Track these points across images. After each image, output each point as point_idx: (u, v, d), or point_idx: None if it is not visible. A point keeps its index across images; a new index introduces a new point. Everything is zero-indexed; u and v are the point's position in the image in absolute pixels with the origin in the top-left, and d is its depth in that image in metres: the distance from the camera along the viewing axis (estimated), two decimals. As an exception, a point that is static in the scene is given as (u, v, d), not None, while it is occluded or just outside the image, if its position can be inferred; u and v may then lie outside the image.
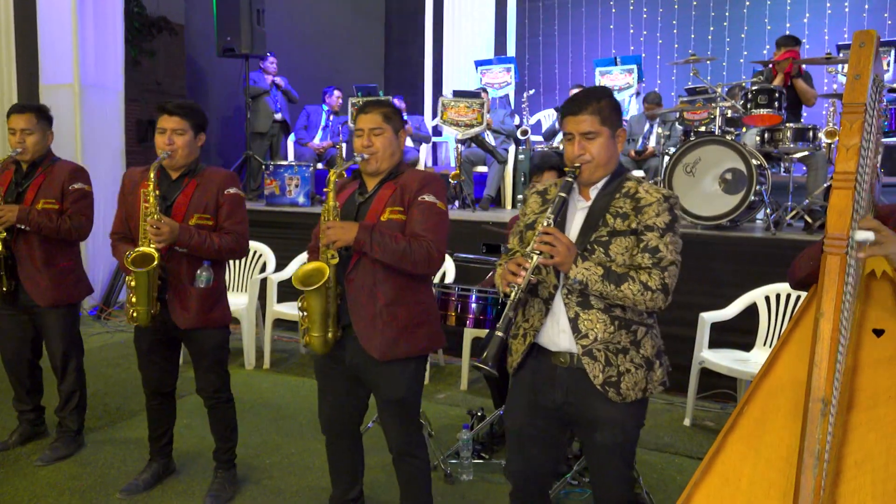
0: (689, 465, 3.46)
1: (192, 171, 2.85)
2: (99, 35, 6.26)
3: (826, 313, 1.29)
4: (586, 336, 1.99)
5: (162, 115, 2.78)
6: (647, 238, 1.96)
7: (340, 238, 2.28)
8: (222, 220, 2.84)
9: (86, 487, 3.11)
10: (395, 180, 2.43)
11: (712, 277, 4.58)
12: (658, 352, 2.09)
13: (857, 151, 1.31)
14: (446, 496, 3.11)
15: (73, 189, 3.24)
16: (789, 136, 5.00)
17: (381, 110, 2.41)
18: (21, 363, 3.45)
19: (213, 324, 2.89)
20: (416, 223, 2.35)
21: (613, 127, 2.02)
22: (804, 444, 1.31)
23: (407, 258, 2.30)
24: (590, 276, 1.92)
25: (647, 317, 2.06)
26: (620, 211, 2.00)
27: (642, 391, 2.02)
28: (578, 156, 1.99)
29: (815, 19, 9.04)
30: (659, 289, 1.93)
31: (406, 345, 2.41)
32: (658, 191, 2.02)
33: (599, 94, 2.04)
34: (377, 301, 2.36)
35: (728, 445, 1.56)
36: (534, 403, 2.11)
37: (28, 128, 3.21)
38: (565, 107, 2.04)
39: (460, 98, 6.76)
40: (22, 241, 3.21)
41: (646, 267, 1.95)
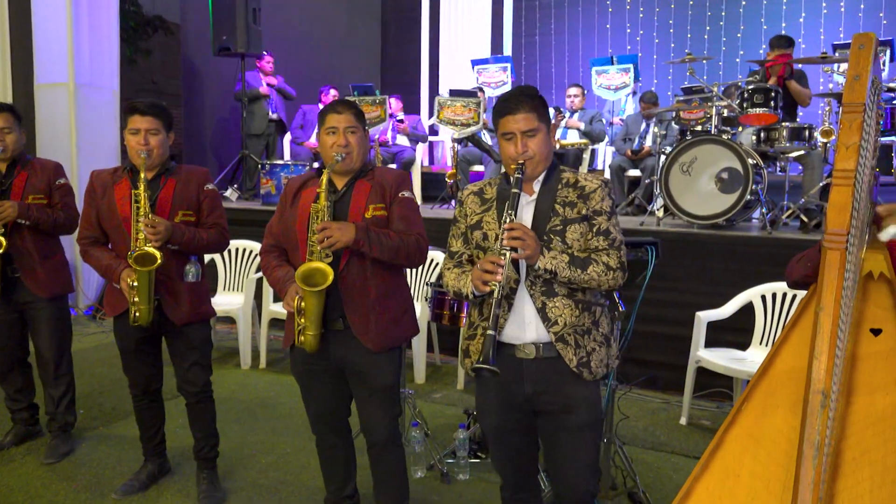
0: (685, 464, 3.46)
1: (168, 169, 2.86)
2: (94, 34, 6.24)
3: (826, 307, 1.30)
4: (556, 323, 2.06)
5: (133, 115, 2.76)
6: (598, 222, 2.08)
7: (340, 239, 2.29)
8: (205, 215, 2.90)
9: (81, 487, 3.10)
10: (366, 178, 2.47)
11: (708, 276, 4.58)
12: (611, 329, 2.20)
13: (856, 150, 1.32)
14: (443, 495, 3.10)
15: (59, 184, 3.33)
16: (785, 136, 5.00)
17: (353, 110, 2.46)
18: (11, 362, 3.46)
19: (203, 317, 2.96)
20: (401, 219, 2.45)
21: (548, 123, 2.13)
22: (804, 436, 1.32)
23: (401, 252, 2.40)
24: (558, 265, 2.00)
25: (601, 297, 2.18)
26: (567, 200, 2.09)
27: (606, 366, 2.14)
28: (522, 153, 2.05)
29: (811, 19, 9.07)
30: (618, 267, 2.06)
31: (394, 335, 2.51)
32: (596, 177, 2.14)
33: (531, 92, 2.12)
34: (368, 295, 2.43)
35: (729, 439, 1.57)
36: (505, 400, 2.16)
37: (7, 126, 3.24)
38: (501, 107, 2.10)
39: (457, 97, 6.76)
40: (17, 236, 3.23)
41: (602, 248, 2.06)
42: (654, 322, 4.37)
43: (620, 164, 7.05)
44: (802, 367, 1.37)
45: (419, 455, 3.27)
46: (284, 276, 2.48)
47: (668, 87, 9.57)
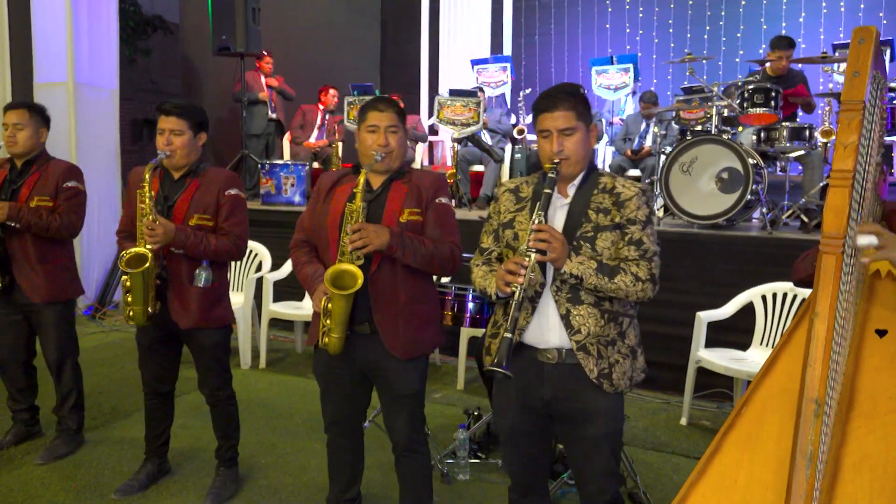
0: (685, 465, 3.46)
1: (193, 171, 2.84)
2: (93, 33, 6.24)
3: (821, 314, 1.28)
4: (579, 331, 2.00)
5: (160, 116, 2.77)
6: (631, 231, 2.01)
7: (374, 243, 2.24)
8: (221, 221, 2.83)
9: (80, 487, 3.09)
10: (403, 179, 2.41)
11: (709, 277, 4.58)
12: (638, 341, 2.15)
13: (854, 149, 1.29)
14: (443, 495, 3.10)
15: (66, 187, 3.24)
16: (785, 136, 5.00)
17: (395, 108, 2.40)
18: (15, 363, 3.44)
19: (213, 323, 2.88)
20: (436, 226, 2.38)
21: (587, 122, 2.05)
22: (796, 445, 1.30)
23: (434, 261, 2.34)
24: (584, 270, 1.94)
25: (630, 308, 2.11)
26: (601, 206, 2.03)
27: (629, 379, 2.08)
28: (557, 152, 2.00)
29: (811, 18, 9.05)
30: (648, 279, 1.99)
31: (423, 342, 2.45)
32: (634, 185, 2.06)
33: (572, 90, 2.05)
34: (398, 300, 2.37)
35: (725, 446, 1.55)
36: (522, 401, 2.12)
37: (19, 122, 3.21)
38: (539, 103, 2.04)
39: (457, 97, 6.75)
40: (16, 239, 3.21)
41: (633, 259, 1.99)
42: (654, 322, 4.36)
43: (620, 164, 7.04)
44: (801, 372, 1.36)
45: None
46: (313, 274, 2.44)
47: (667, 86, 9.56)
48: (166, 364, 3.00)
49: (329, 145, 7.83)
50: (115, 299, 6.47)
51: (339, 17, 10.73)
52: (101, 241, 6.23)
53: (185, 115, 2.77)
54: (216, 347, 2.93)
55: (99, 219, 6.16)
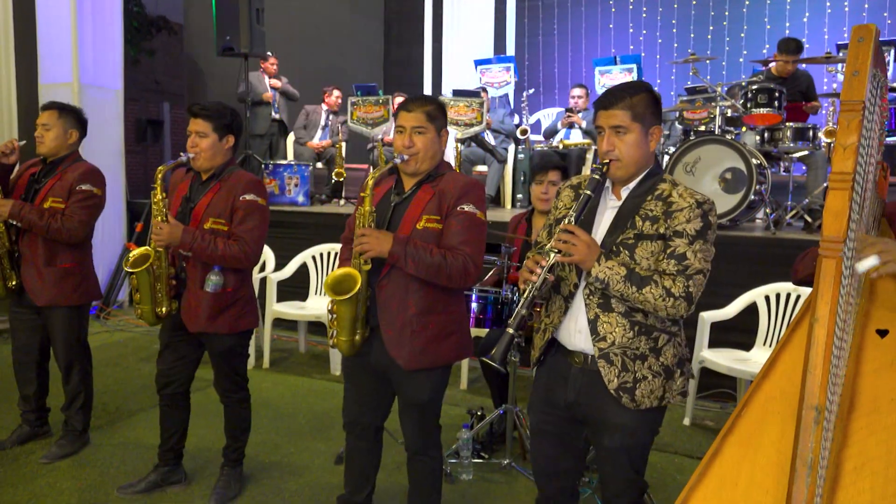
0: (688, 465, 3.46)
1: (218, 174, 2.83)
2: (98, 34, 6.26)
3: (821, 318, 1.26)
4: (604, 339, 1.94)
5: (190, 118, 2.79)
6: (675, 244, 1.88)
7: (374, 249, 2.22)
8: (234, 225, 2.78)
9: (85, 487, 3.11)
10: (433, 183, 2.35)
11: (712, 277, 4.46)
12: (680, 360, 2.02)
13: (854, 151, 1.28)
14: (446, 495, 3.08)
15: (79, 189, 3.20)
16: (789, 136, 4.99)
17: (424, 108, 2.32)
18: (28, 364, 3.44)
19: (222, 329, 2.83)
20: (454, 235, 2.28)
21: (647, 123, 1.94)
22: (796, 453, 1.28)
23: (442, 272, 2.24)
24: (611, 276, 1.86)
25: (670, 324, 1.99)
26: (650, 214, 1.92)
27: (658, 399, 1.97)
28: (607, 152, 1.93)
29: (815, 18, 9.04)
30: (682, 296, 1.86)
31: (433, 355, 2.36)
32: (692, 195, 1.92)
33: (635, 88, 1.96)
34: (408, 310, 2.31)
35: (726, 449, 1.55)
36: (548, 401, 2.10)
37: (47, 123, 3.22)
38: (599, 100, 1.98)
39: (460, 97, 6.75)
40: (26, 239, 3.21)
41: (670, 273, 1.87)
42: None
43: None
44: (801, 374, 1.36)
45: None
46: None
47: (671, 87, 9.56)
48: (178, 364, 2.95)
49: (332, 146, 7.84)
50: (120, 299, 6.49)
51: (342, 17, 10.74)
52: (106, 242, 6.25)
53: (210, 117, 2.76)
54: (226, 352, 2.91)
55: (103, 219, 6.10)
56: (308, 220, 6.18)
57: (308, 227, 6.06)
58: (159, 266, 2.77)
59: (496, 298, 3.25)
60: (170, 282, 2.80)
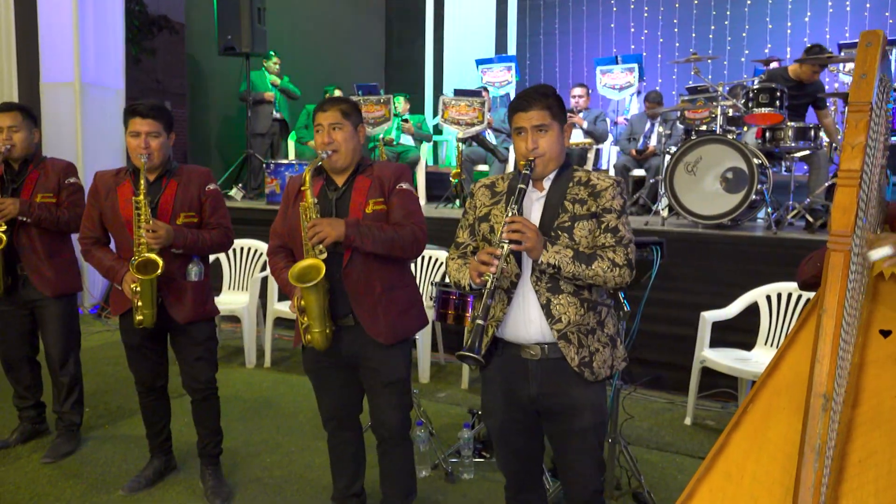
0: (689, 464, 3.46)
1: (168, 171, 2.86)
2: (99, 33, 6.26)
3: (829, 309, 1.29)
4: (560, 320, 2.05)
5: (134, 118, 2.74)
6: (607, 219, 2.06)
7: (329, 235, 2.31)
8: (207, 216, 2.90)
9: (87, 486, 3.11)
10: (365, 173, 2.50)
11: (713, 276, 4.57)
12: (617, 330, 2.19)
13: (862, 150, 1.30)
14: (447, 495, 3.11)
15: (68, 183, 3.32)
16: (791, 136, 4.99)
17: (338, 106, 2.47)
18: (20, 360, 3.48)
19: (206, 316, 2.97)
20: (399, 210, 2.46)
21: (562, 121, 2.11)
22: (805, 439, 1.30)
23: (396, 244, 2.41)
24: (561, 259, 1.98)
25: (607, 297, 2.17)
26: (577, 197, 2.08)
27: (610, 368, 2.13)
28: (532, 150, 2.05)
29: (817, 18, 9.03)
30: (625, 264, 2.04)
31: (404, 327, 2.53)
32: (609, 177, 2.12)
33: (546, 90, 2.11)
34: (374, 289, 2.45)
35: (732, 442, 1.55)
36: (510, 401, 2.16)
37: (14, 125, 3.24)
38: (515, 103, 2.10)
39: (461, 97, 6.76)
40: (24, 235, 3.25)
41: (609, 245, 2.04)
42: (658, 322, 4.36)
43: (625, 164, 7.04)
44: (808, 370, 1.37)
45: (424, 454, 3.28)
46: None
47: (672, 86, 9.55)
48: (158, 359, 3.03)
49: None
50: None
51: (344, 17, 10.75)
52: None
53: (159, 116, 2.78)
54: (209, 339, 3.00)
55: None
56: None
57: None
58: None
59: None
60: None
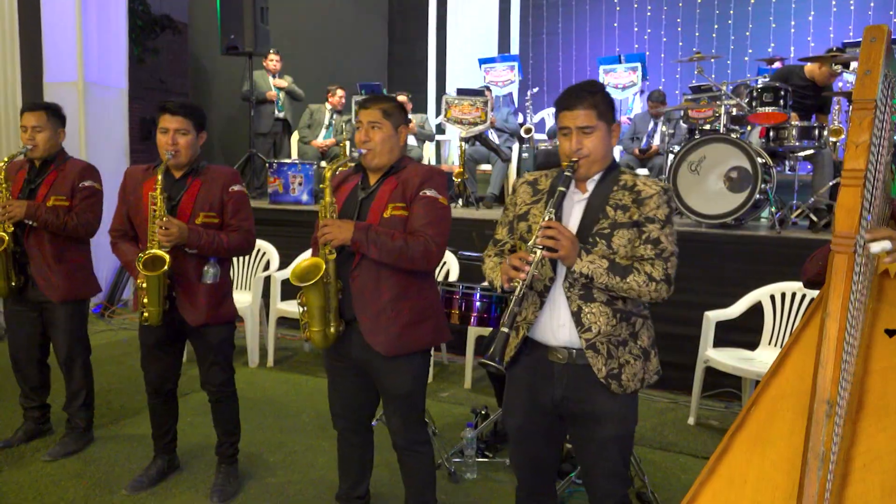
0: (693, 464, 3.45)
1: (195, 169, 2.85)
2: (102, 33, 6.26)
3: (832, 313, 1.27)
4: (589, 329, 1.98)
5: (164, 115, 2.78)
6: (649, 230, 1.97)
7: (336, 237, 2.30)
8: (228, 217, 2.85)
9: (90, 485, 3.11)
10: (396, 175, 2.42)
11: (717, 276, 4.56)
12: (652, 342, 2.12)
13: (866, 149, 1.29)
14: (450, 494, 3.10)
15: (82, 187, 3.26)
16: (795, 135, 4.97)
17: (380, 105, 2.42)
18: (29, 360, 3.46)
19: (221, 319, 2.92)
20: (417, 218, 2.35)
21: (609, 121, 2.03)
22: (808, 446, 1.29)
23: (405, 256, 2.30)
24: (595, 269, 1.91)
25: (643, 308, 2.08)
26: (620, 203, 1.99)
27: (640, 381, 2.04)
28: (576, 150, 1.98)
29: (820, 17, 9.00)
30: (663, 279, 1.95)
31: (410, 340, 2.41)
32: (656, 183, 2.02)
33: (594, 88, 2.02)
34: (381, 296, 2.37)
35: (734, 446, 1.54)
36: (533, 402, 2.10)
37: (38, 125, 3.22)
38: (560, 101, 2.03)
39: (464, 96, 6.75)
40: (33, 237, 3.23)
41: (648, 258, 1.95)
42: (661, 321, 4.31)
43: (628, 163, 7.03)
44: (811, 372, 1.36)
45: (426, 454, 3.27)
46: None
47: (675, 85, 9.52)
48: (170, 362, 3.01)
49: (337, 144, 7.84)
50: (125, 297, 6.49)
51: (346, 16, 10.74)
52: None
53: (189, 114, 2.79)
54: (223, 343, 2.97)
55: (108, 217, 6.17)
56: (312, 219, 6.04)
57: (312, 226, 5.94)
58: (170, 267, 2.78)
59: (500, 297, 3.24)
60: (166, 280, 2.81)
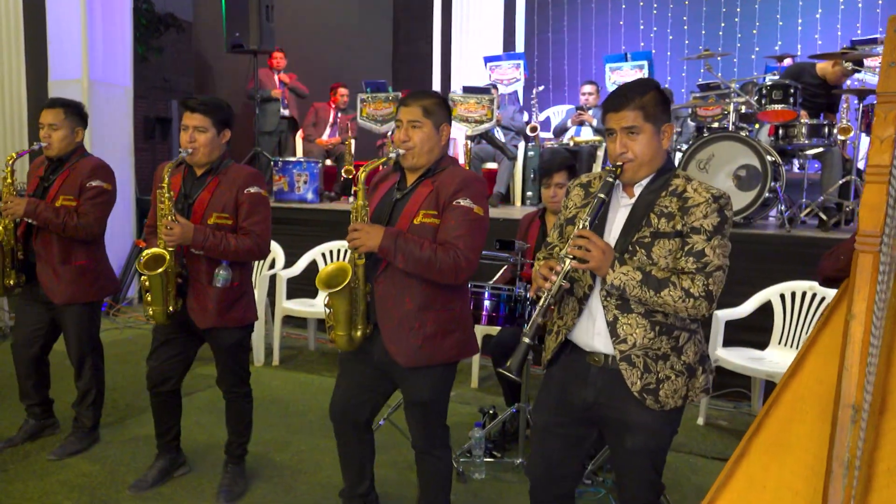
0: (703, 465, 3.42)
1: (215, 168, 2.80)
2: (107, 31, 6.25)
3: (857, 315, 1.23)
4: (624, 341, 1.90)
5: (185, 112, 2.74)
6: (693, 241, 1.85)
7: (364, 244, 2.22)
8: (241, 219, 2.77)
9: (96, 484, 3.09)
10: (433, 178, 2.33)
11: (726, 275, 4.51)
12: (701, 357, 1.99)
13: (891, 144, 1.24)
14: (459, 495, 3.07)
15: (89, 186, 3.18)
16: (804, 132, 4.92)
17: (421, 103, 2.30)
18: (28, 355, 3.40)
19: (231, 323, 2.85)
20: (448, 229, 2.25)
21: (659, 122, 1.91)
22: (832, 453, 1.25)
23: (433, 267, 2.21)
24: (627, 282, 1.83)
25: (690, 322, 1.96)
26: (666, 210, 1.89)
27: (682, 398, 1.93)
28: (620, 154, 1.89)
29: (828, 15, 8.93)
30: (702, 296, 1.82)
31: (432, 353, 2.32)
32: (708, 190, 1.89)
33: (644, 87, 1.92)
34: (405, 305, 2.30)
35: (752, 450, 1.51)
36: (563, 401, 2.06)
37: (55, 123, 3.17)
38: (607, 102, 1.94)
39: (470, 94, 6.71)
40: (40, 238, 3.19)
41: (689, 272, 1.83)
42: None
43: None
44: (832, 373, 1.32)
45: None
46: None
47: (681, 84, 9.48)
48: (174, 362, 2.95)
49: (342, 142, 7.81)
50: (130, 296, 6.48)
51: (351, 14, 10.72)
52: (116, 238, 6.23)
53: (209, 111, 2.74)
54: (234, 346, 2.92)
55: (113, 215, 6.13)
56: (317, 218, 6.15)
57: (317, 225, 6.04)
58: (171, 266, 2.74)
59: (509, 296, 3.21)
60: (176, 280, 2.78)
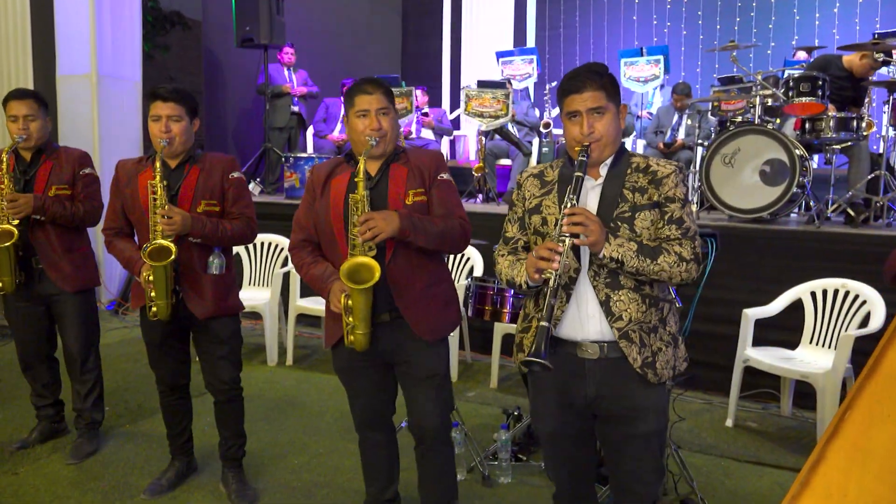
0: (736, 469, 3.30)
1: (191, 157, 2.74)
2: (116, 25, 6.16)
3: None
4: (620, 318, 1.90)
5: (155, 102, 2.64)
6: (671, 209, 1.92)
7: (384, 230, 2.15)
8: (229, 205, 2.77)
9: (109, 487, 2.99)
10: (400, 161, 2.33)
11: (754, 272, 4.40)
12: (679, 328, 2.06)
13: None
14: (484, 499, 2.97)
15: (83, 174, 3.20)
16: (832, 126, 4.79)
17: (383, 89, 2.29)
18: (38, 356, 3.37)
19: (229, 311, 2.83)
20: (442, 203, 2.33)
21: (617, 103, 1.97)
22: None
23: (447, 239, 2.29)
24: (625, 253, 1.85)
25: (668, 293, 2.02)
26: (637, 185, 1.94)
27: (673, 369, 1.98)
28: (588, 134, 1.90)
29: (846, 8, 8.79)
30: (692, 258, 1.90)
31: (445, 322, 2.43)
32: (669, 163, 1.97)
33: (600, 69, 1.96)
34: (417, 285, 2.32)
35: (830, 455, 1.40)
36: (563, 404, 2.01)
37: (31, 114, 3.11)
38: (566, 85, 1.94)
39: (485, 89, 6.60)
40: (39, 230, 3.13)
41: (675, 238, 1.91)
42: (696, 319, 4.19)
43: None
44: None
45: (459, 456, 3.12)
46: (323, 274, 2.33)
47: (696, 79, 9.33)
48: (180, 357, 2.91)
49: (352, 138, 7.71)
50: (138, 294, 6.38)
51: (360, 9, 10.63)
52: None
53: (182, 100, 2.66)
54: (232, 336, 2.87)
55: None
56: (330, 214, 6.04)
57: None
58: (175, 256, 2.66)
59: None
60: (172, 273, 2.69)
